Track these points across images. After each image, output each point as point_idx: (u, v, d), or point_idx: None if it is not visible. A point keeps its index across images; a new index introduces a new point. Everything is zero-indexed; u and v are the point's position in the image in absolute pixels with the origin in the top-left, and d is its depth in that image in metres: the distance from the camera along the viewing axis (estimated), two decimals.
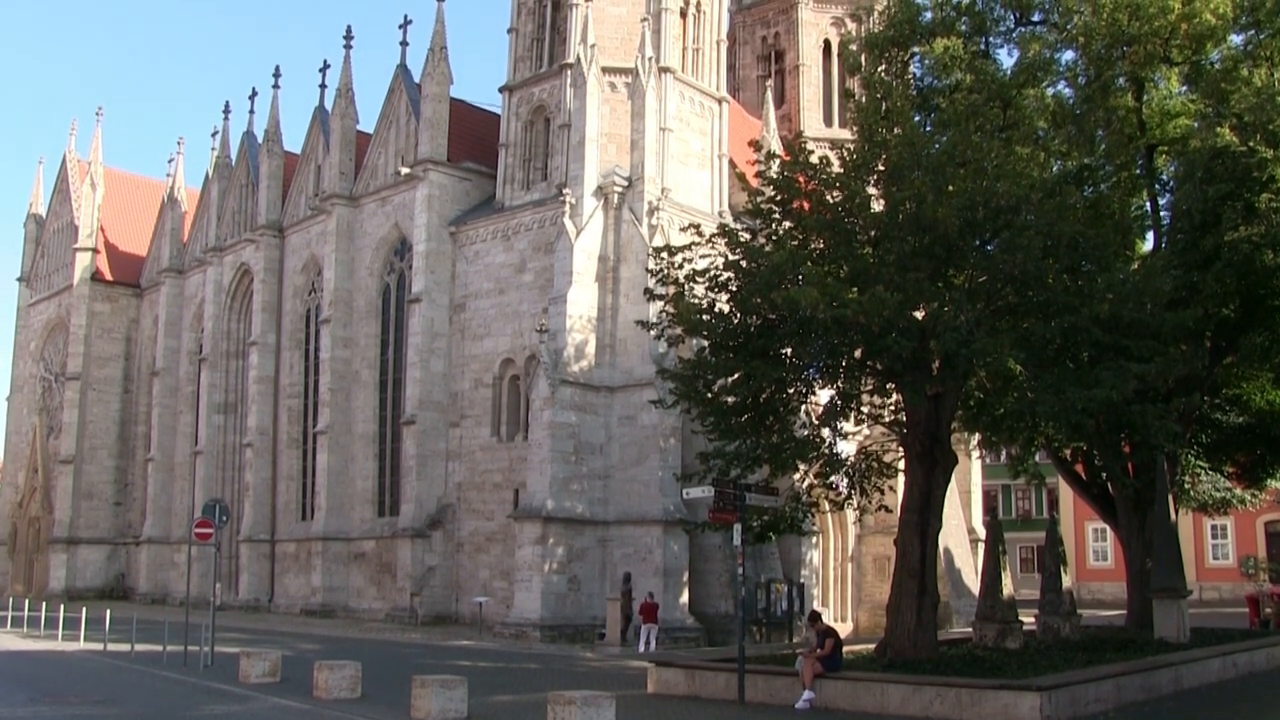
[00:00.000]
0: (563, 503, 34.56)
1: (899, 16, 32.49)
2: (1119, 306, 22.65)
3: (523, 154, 40.70)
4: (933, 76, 31.40)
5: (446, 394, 40.89)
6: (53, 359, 63.20)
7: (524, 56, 41.29)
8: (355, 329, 44.92)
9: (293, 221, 49.81)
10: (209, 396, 52.68)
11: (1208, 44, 29.36)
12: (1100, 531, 55.48)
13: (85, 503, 57.89)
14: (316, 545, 43.75)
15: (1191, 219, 27.97)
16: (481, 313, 40.41)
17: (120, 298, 60.86)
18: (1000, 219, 22.73)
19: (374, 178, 45.53)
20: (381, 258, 44.86)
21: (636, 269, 35.22)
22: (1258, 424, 32.34)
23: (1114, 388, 21.81)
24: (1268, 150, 26.56)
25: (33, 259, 65.48)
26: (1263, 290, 27.82)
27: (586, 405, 35.64)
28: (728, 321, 23.48)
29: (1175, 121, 30.25)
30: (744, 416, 24.01)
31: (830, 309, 20.14)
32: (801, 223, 23.63)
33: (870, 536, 41.02)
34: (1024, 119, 29.47)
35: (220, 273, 53.37)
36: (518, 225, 39.59)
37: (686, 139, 39.58)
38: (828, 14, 51.36)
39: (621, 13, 39.06)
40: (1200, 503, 39.72)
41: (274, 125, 51.37)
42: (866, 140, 24.75)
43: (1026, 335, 22.39)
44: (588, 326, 36.09)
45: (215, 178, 55.18)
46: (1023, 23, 32.32)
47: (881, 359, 22.32)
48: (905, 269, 21.65)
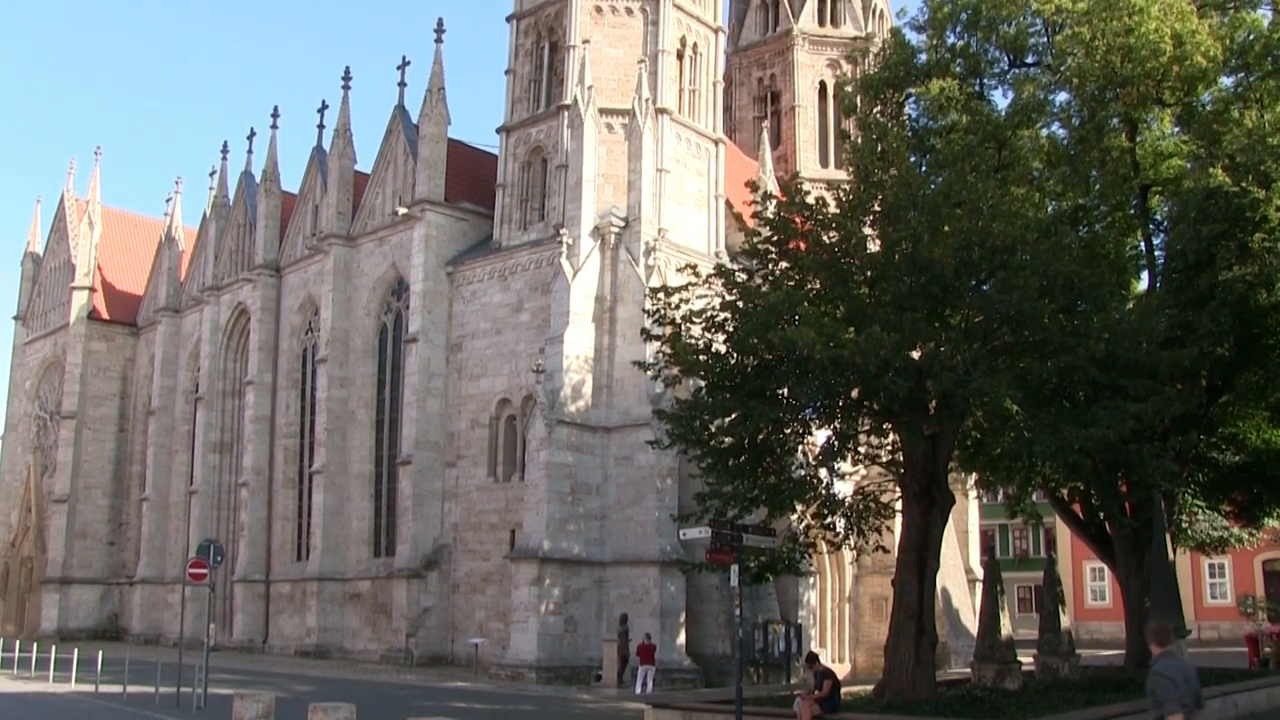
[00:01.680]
0: (559, 543, 34.42)
1: (894, 58, 32.81)
2: (1115, 346, 22.70)
3: (520, 194, 40.88)
4: (928, 117, 31.62)
5: (443, 434, 40.82)
6: (48, 397, 63.04)
7: (521, 98, 41.58)
8: (352, 368, 44.91)
9: (290, 261, 49.91)
10: (205, 436, 52.54)
11: (1199, 86, 29.64)
12: (1098, 571, 55.28)
13: (79, 542, 57.57)
14: (311, 586, 43.49)
15: (1186, 259, 28.11)
16: (478, 353, 40.43)
17: (117, 336, 60.82)
18: (996, 259, 22.83)
19: (371, 218, 45.68)
20: (378, 297, 44.92)
21: (633, 309, 35.28)
22: (1254, 463, 32.33)
23: (1111, 427, 21.82)
24: (1260, 191, 26.72)
25: (29, 297, 65.49)
26: (1257, 329, 27.93)
27: (583, 445, 35.57)
28: (724, 362, 23.52)
29: (1168, 162, 30.46)
30: (741, 457, 23.99)
31: (827, 349, 20.17)
32: (798, 263, 23.72)
33: (868, 577, 40.85)
34: (1019, 159, 29.68)
35: (217, 312, 53.40)
36: (515, 265, 39.69)
37: (683, 180, 39.79)
38: (823, 56, 51.82)
39: (618, 55, 39.37)
40: (1198, 542, 39.62)
41: (272, 165, 51.59)
42: (862, 181, 24.92)
43: (1023, 375, 22.44)
44: (584, 367, 36.11)
45: (213, 217, 55.33)
46: (1017, 64, 32.63)
47: (878, 399, 22.34)
48: (902, 309, 21.71)
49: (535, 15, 41.79)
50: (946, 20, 32.11)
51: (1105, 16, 28.48)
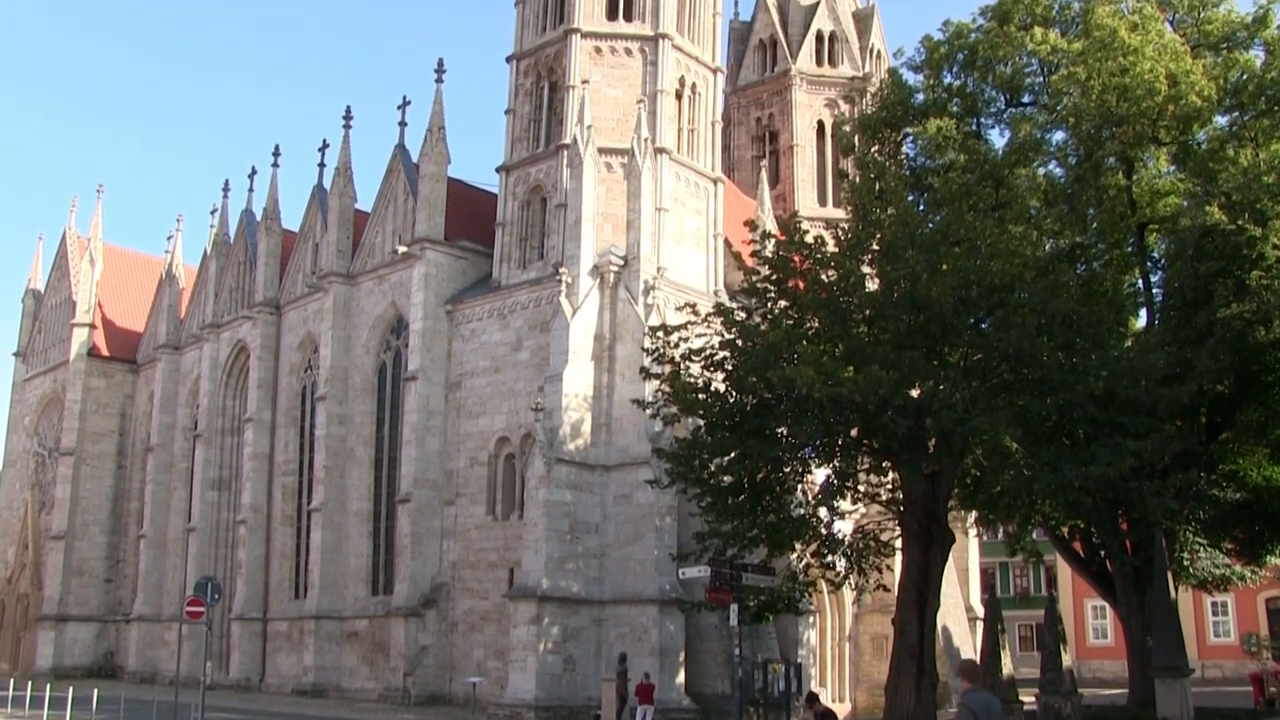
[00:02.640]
0: (558, 582, 34.26)
1: (891, 98, 33.09)
2: (1114, 383, 22.78)
3: (519, 233, 41.02)
4: (926, 156, 31.85)
5: (441, 472, 40.72)
6: (47, 434, 62.92)
7: (521, 137, 41.81)
8: (351, 406, 44.86)
9: (290, 299, 49.98)
10: (203, 473, 52.39)
11: (1194, 125, 29.89)
12: (1100, 609, 54.98)
13: (76, 579, 57.26)
14: (309, 624, 43.23)
15: (1184, 296, 28.21)
16: (477, 391, 40.41)
17: (116, 373, 60.75)
18: (994, 297, 22.96)
19: (371, 256, 45.79)
20: (378, 335, 44.94)
21: (632, 348, 35.30)
22: (1255, 500, 32.27)
23: (1110, 464, 21.86)
24: (1256, 228, 26.85)
25: (30, 334, 65.52)
26: (1256, 366, 27.96)
27: (582, 484, 35.49)
28: (723, 400, 23.58)
29: (1165, 200, 30.64)
30: (740, 496, 24.02)
31: (826, 387, 20.24)
32: (797, 302, 23.84)
33: (868, 615, 40.63)
34: (1016, 198, 29.87)
35: (217, 349, 53.41)
36: (514, 304, 39.75)
37: (682, 218, 39.95)
38: (821, 96, 52.18)
39: (618, 94, 39.64)
40: (1200, 579, 39.44)
41: (273, 203, 51.76)
42: (861, 219, 25.11)
43: (1022, 412, 22.49)
44: (583, 405, 36.09)
45: (213, 255, 55.44)
46: (1013, 104, 32.91)
47: (878, 437, 22.39)
48: (900, 347, 21.81)
49: (535, 56, 42.11)
50: (943, 61, 32.44)
51: (1100, 57, 28.76)
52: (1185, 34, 31.42)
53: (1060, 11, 32.30)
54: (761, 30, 54.40)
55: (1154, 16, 30.39)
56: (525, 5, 43.20)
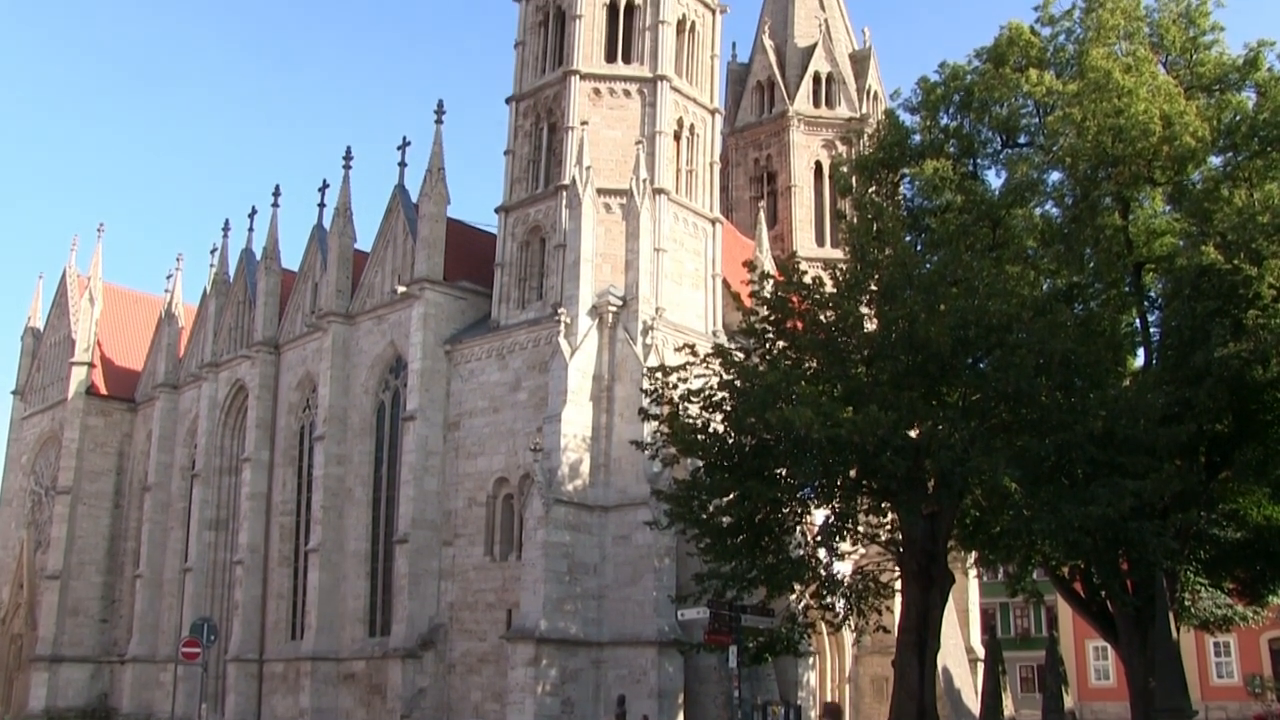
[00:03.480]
0: (556, 623, 34.07)
1: (888, 139, 33.27)
2: (1112, 423, 22.80)
3: (518, 273, 41.12)
4: (923, 197, 31.96)
5: (440, 512, 40.58)
6: (44, 472, 62.67)
7: (520, 178, 42.02)
8: (349, 446, 44.75)
9: (289, 338, 49.99)
10: (200, 512, 52.16)
11: (1189, 165, 30.02)
12: (1101, 650, 54.61)
13: (70, 619, 56.81)
14: (305, 665, 42.88)
15: (1181, 335, 28.23)
16: (476, 431, 40.36)
17: (114, 412, 60.62)
18: (992, 337, 23.01)
19: (370, 296, 45.85)
20: (377, 375, 44.92)
21: (631, 388, 35.31)
22: (1256, 539, 32.12)
23: (1110, 504, 21.84)
24: (1252, 268, 26.92)
25: (28, 372, 65.41)
26: (1254, 405, 27.92)
27: (580, 525, 35.38)
28: (722, 441, 23.59)
29: (1161, 240, 30.71)
30: (739, 537, 23.97)
31: (825, 428, 20.25)
32: (795, 342, 23.91)
33: (868, 657, 40.39)
34: (1013, 238, 29.97)
35: (215, 388, 53.35)
36: (513, 344, 39.79)
37: (681, 259, 40.09)
38: (819, 137, 52.53)
39: (616, 135, 39.89)
40: (1202, 620, 39.23)
41: (272, 243, 51.89)
42: (859, 260, 25.21)
43: (1021, 453, 22.48)
44: (582, 445, 36.03)
45: (213, 294, 55.50)
46: (1009, 145, 33.07)
47: (877, 478, 22.39)
48: (899, 388, 21.85)
49: (534, 97, 42.42)
50: (939, 102, 32.64)
51: (1095, 98, 28.94)
52: (1178, 76, 31.65)
53: (1055, 54, 32.53)
54: (759, 72, 54.86)
55: (1147, 59, 30.62)
56: (525, 47, 43.59)
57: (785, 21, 56.06)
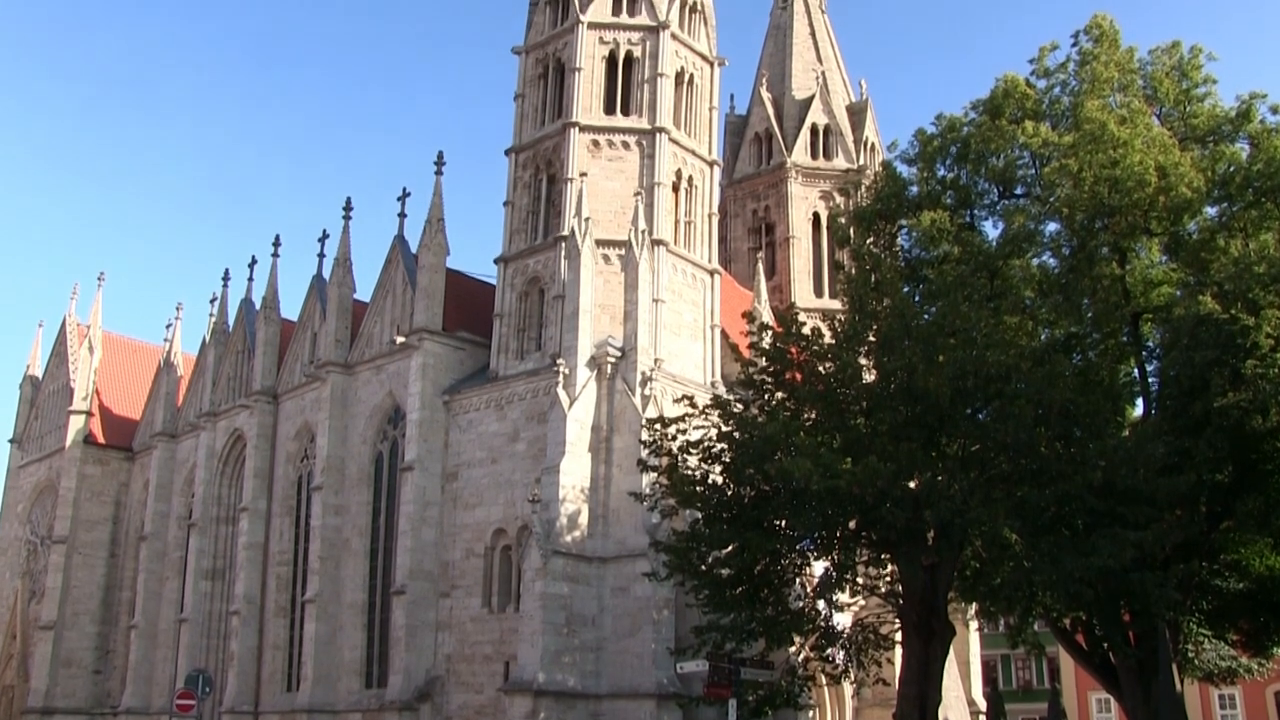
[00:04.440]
0: (554, 675, 33.76)
1: (886, 190, 33.46)
2: (1112, 473, 22.76)
3: (517, 324, 41.21)
4: (920, 248, 32.09)
5: (437, 563, 40.36)
6: (39, 521, 62.38)
7: (519, 229, 42.23)
8: (347, 496, 44.60)
9: (287, 388, 49.98)
10: (197, 562, 51.88)
11: (1185, 215, 30.17)
12: (1104, 702, 54.04)
13: (64, 670, 56.28)
14: (301, 717, 42.38)
15: (1180, 385, 28.21)
16: (474, 482, 40.23)
17: (112, 461, 60.47)
18: (991, 388, 23.03)
19: (369, 346, 45.90)
20: (375, 425, 44.85)
21: (630, 439, 35.25)
22: (1259, 590, 31.89)
23: (1111, 555, 21.76)
24: (1249, 318, 26.93)
25: (26, 421, 65.33)
26: (1254, 455, 27.82)
27: (579, 576, 35.17)
28: (721, 493, 23.53)
29: (1158, 290, 30.79)
30: (738, 589, 23.85)
31: (824, 480, 20.21)
32: (794, 393, 23.92)
33: (868, 710, 39.98)
34: (1011, 289, 30.03)
35: (213, 438, 53.26)
36: (511, 395, 39.78)
37: (679, 310, 40.20)
38: (816, 188, 52.85)
39: (615, 187, 40.15)
40: (1206, 672, 38.82)
41: (272, 293, 52.04)
42: (857, 311, 25.25)
43: (1021, 503, 22.41)
44: (580, 497, 35.92)
45: (212, 343, 55.57)
46: (1006, 196, 33.25)
47: (876, 529, 22.31)
48: (898, 439, 21.82)
49: (533, 149, 42.74)
50: (936, 154, 32.87)
51: (1091, 149, 29.14)
52: (1173, 127, 31.90)
53: (1050, 105, 32.80)
54: (757, 124, 55.29)
55: (1142, 110, 30.89)
56: (524, 99, 44.00)
57: (783, 74, 56.60)
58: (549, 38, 44.03)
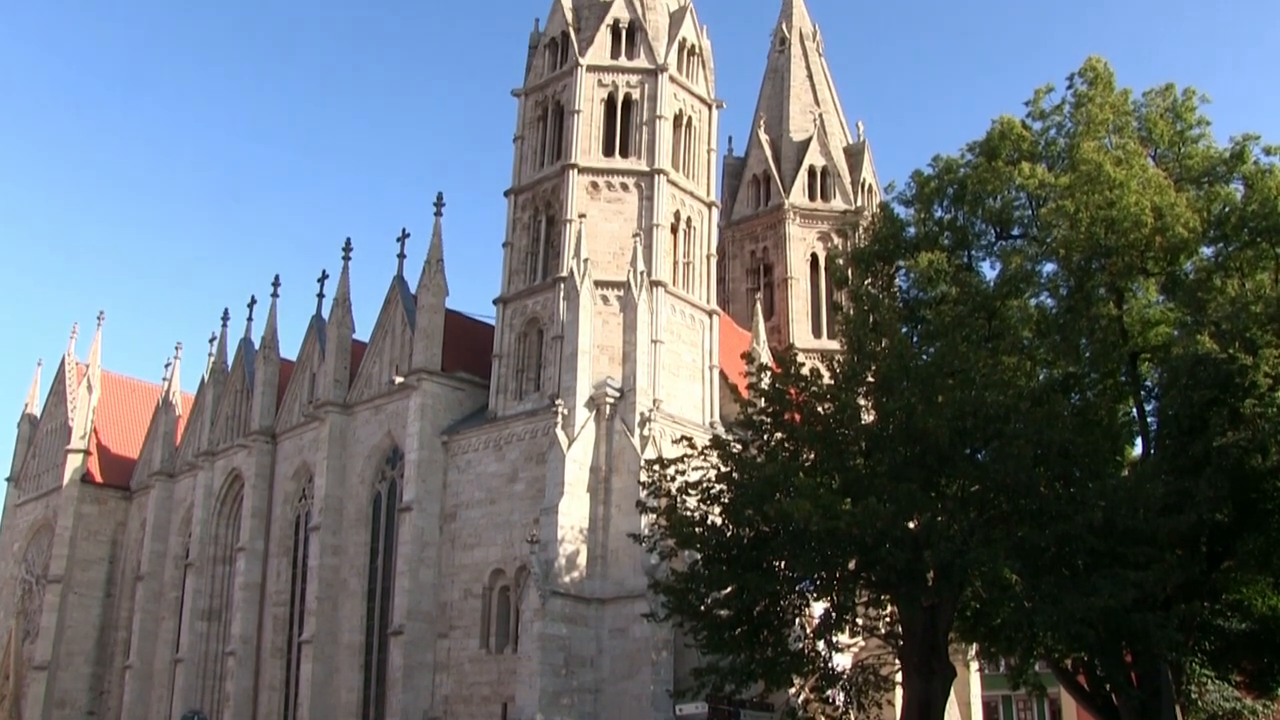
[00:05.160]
0: (552, 717, 33.48)
1: (883, 232, 33.65)
2: (1112, 513, 22.74)
3: (516, 365, 41.26)
4: (918, 289, 32.22)
5: (435, 604, 40.16)
6: (35, 560, 62.06)
7: (518, 270, 42.37)
8: (345, 536, 44.44)
9: (286, 428, 49.94)
10: (193, 602, 51.60)
11: (1181, 256, 30.35)
12: None
13: (57, 712, 55.77)
14: None
15: (1179, 424, 28.26)
16: (472, 522, 40.12)
17: (109, 500, 60.29)
18: (990, 428, 23.05)
19: (368, 386, 45.92)
20: (373, 465, 44.77)
21: (628, 480, 35.18)
22: (1262, 630, 31.77)
23: (1112, 595, 21.71)
24: (1247, 357, 27.02)
25: (23, 459, 65.21)
26: (1254, 494, 27.80)
27: (577, 617, 35.00)
28: (720, 533, 23.47)
29: (1156, 329, 30.91)
30: (737, 630, 23.74)
31: (823, 520, 20.19)
32: (793, 434, 23.93)
33: None
34: (1009, 329, 30.13)
35: (211, 477, 53.14)
36: (510, 435, 39.75)
37: (678, 351, 40.28)
38: (814, 229, 53.10)
39: (614, 228, 40.36)
40: (1209, 713, 38.59)
41: (271, 333, 52.12)
42: (855, 352, 25.30)
43: (1021, 544, 22.38)
44: (579, 537, 35.81)
45: (211, 383, 55.57)
46: (1003, 237, 33.42)
47: (876, 570, 22.24)
48: (897, 479, 21.81)
49: (533, 190, 42.99)
50: (933, 195, 33.08)
51: (1087, 190, 29.34)
52: (1167, 168, 32.13)
53: (1046, 147, 33.04)
54: (755, 166, 55.64)
55: (1137, 152, 31.13)
56: (524, 141, 44.30)
57: (780, 116, 57.03)
58: (548, 80, 44.41)
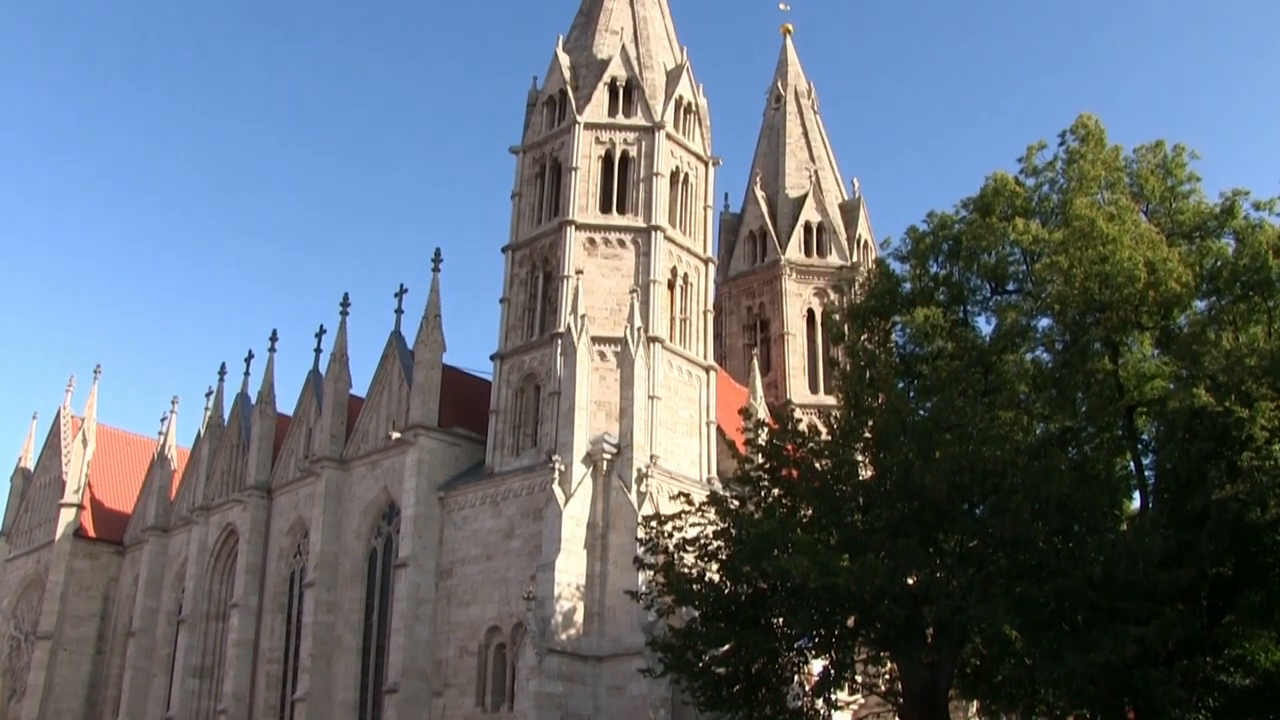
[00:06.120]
0: None
1: (879, 287, 33.83)
2: (1111, 568, 22.68)
3: (513, 420, 41.23)
4: (914, 344, 32.32)
5: (430, 662, 39.79)
6: (25, 617, 61.45)
7: (515, 325, 42.48)
8: (340, 593, 44.11)
9: (281, 483, 49.75)
10: (185, 659, 51.03)
11: (1175, 310, 30.51)
12: None
13: None
14: None
15: (1178, 478, 28.22)
16: (469, 579, 39.85)
17: (102, 555, 59.83)
18: (988, 483, 23.05)
19: (364, 441, 45.82)
20: (369, 521, 44.56)
21: (626, 536, 35.03)
22: (1266, 686, 31.41)
23: (1113, 651, 21.59)
24: (1243, 410, 27.02)
25: (16, 513, 64.82)
26: (1255, 548, 27.71)
27: (574, 675, 34.67)
28: (718, 590, 23.37)
29: (1151, 383, 30.96)
30: (736, 687, 23.58)
31: (821, 577, 20.12)
32: (791, 490, 23.90)
33: None
34: (1005, 383, 30.21)
35: (205, 532, 52.82)
36: (507, 491, 39.62)
37: (675, 406, 40.30)
38: (810, 285, 53.39)
39: (611, 284, 40.54)
40: None
41: (268, 387, 52.11)
42: (852, 407, 25.35)
43: (1020, 599, 22.28)
44: (576, 594, 35.57)
45: (207, 437, 55.44)
46: (998, 292, 33.60)
47: (875, 627, 22.12)
48: (895, 535, 21.77)
49: (530, 246, 43.21)
50: (928, 251, 33.30)
51: (1081, 246, 29.53)
52: (1159, 223, 32.38)
53: (1039, 203, 33.32)
54: (751, 222, 56.04)
55: (1129, 207, 31.38)
56: (521, 198, 44.62)
57: (776, 173, 57.54)
58: (546, 138, 44.82)
